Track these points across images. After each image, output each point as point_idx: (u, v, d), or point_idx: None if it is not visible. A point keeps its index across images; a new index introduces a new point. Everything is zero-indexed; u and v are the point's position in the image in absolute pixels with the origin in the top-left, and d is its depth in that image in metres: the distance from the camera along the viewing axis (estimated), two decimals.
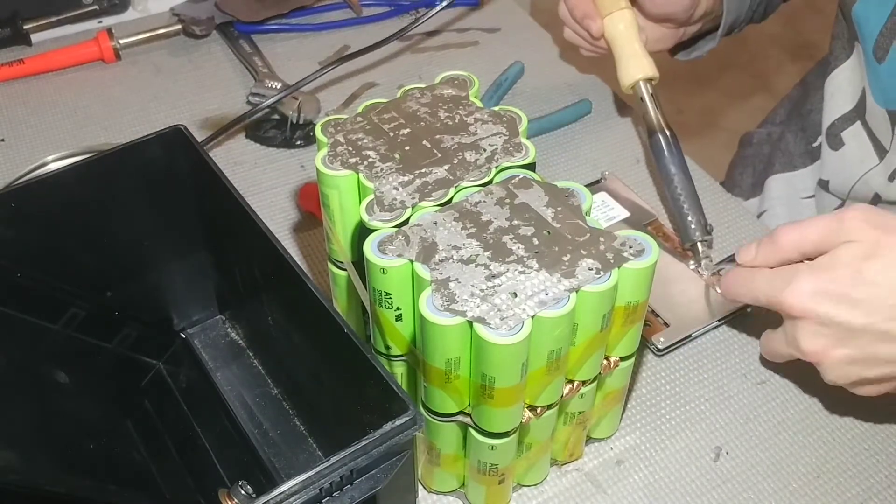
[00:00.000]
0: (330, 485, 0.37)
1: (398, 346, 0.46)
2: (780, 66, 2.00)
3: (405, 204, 0.45)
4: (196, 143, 0.51)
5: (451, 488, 0.52)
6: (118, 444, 0.52)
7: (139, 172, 0.51)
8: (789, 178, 0.79)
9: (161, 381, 0.56)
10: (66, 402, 0.51)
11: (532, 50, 0.85)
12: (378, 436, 0.37)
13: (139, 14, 0.88)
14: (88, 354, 0.53)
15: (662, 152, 0.66)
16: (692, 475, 0.53)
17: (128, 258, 0.53)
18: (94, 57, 0.81)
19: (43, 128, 0.75)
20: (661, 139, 0.66)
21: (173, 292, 0.57)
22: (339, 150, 0.47)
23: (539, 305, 0.41)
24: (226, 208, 0.48)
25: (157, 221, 0.53)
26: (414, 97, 0.51)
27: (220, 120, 0.76)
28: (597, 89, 0.81)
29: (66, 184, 0.49)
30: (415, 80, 0.78)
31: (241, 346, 0.58)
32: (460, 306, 0.40)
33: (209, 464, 0.52)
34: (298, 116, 0.75)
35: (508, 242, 0.43)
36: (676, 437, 0.55)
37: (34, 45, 0.83)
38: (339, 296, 0.54)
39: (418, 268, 0.42)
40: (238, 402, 0.55)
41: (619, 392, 0.52)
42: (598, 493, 0.53)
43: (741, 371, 0.59)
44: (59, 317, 0.51)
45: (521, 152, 0.48)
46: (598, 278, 0.42)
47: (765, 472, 0.54)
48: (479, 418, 0.45)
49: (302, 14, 0.87)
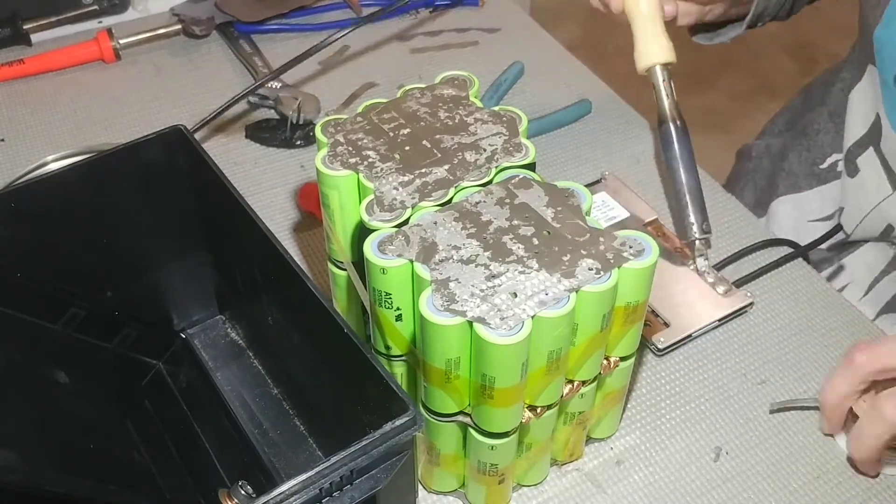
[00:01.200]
0: (330, 485, 0.37)
1: (398, 346, 0.46)
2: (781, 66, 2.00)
3: (405, 204, 0.45)
4: (196, 143, 0.51)
5: (451, 488, 0.52)
6: (118, 444, 0.52)
7: (139, 172, 0.51)
8: (795, 199, 0.77)
9: (161, 381, 0.56)
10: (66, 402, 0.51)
11: (532, 50, 0.85)
12: (378, 436, 0.37)
13: (139, 14, 0.88)
14: (88, 354, 0.53)
15: (671, 143, 0.64)
16: (692, 475, 0.53)
17: (128, 258, 0.53)
18: (94, 57, 0.81)
19: (43, 128, 0.75)
20: (671, 128, 0.64)
21: (173, 292, 0.57)
22: (339, 150, 0.47)
23: (539, 305, 0.41)
24: (226, 208, 0.48)
25: (157, 221, 0.53)
26: (414, 97, 0.51)
27: (220, 120, 0.76)
28: (597, 89, 0.81)
29: (66, 184, 0.49)
30: (415, 80, 0.78)
31: (241, 346, 0.58)
32: (460, 306, 0.40)
33: (209, 464, 0.52)
34: (298, 116, 0.75)
35: (508, 242, 0.43)
36: (676, 437, 0.55)
37: (34, 45, 0.83)
38: (339, 296, 0.54)
39: (418, 268, 0.42)
40: (238, 402, 0.55)
41: (619, 392, 0.51)
42: (598, 493, 0.53)
43: (741, 371, 0.59)
44: (59, 317, 0.51)
45: (521, 152, 0.48)
46: (598, 278, 0.42)
47: (765, 473, 0.53)
48: (479, 418, 0.45)
49: (302, 14, 0.87)
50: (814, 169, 0.76)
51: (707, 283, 0.62)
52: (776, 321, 0.62)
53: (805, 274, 0.65)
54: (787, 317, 0.62)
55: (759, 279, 0.64)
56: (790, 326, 0.61)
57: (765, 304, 0.63)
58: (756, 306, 0.62)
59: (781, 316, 0.62)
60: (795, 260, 0.66)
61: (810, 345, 0.60)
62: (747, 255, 0.65)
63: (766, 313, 0.62)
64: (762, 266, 0.65)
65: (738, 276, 0.64)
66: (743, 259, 0.65)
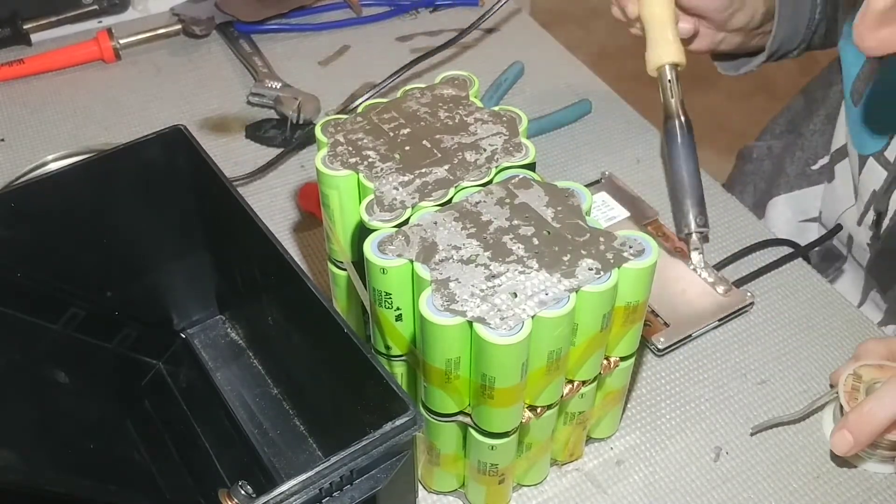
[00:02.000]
0: (330, 485, 0.37)
1: (398, 346, 0.46)
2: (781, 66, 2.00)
3: (405, 204, 0.45)
4: (196, 143, 0.51)
5: (451, 488, 0.52)
6: (118, 444, 0.52)
7: (139, 172, 0.51)
8: (787, 199, 0.78)
9: (161, 381, 0.56)
10: (66, 402, 0.51)
11: (532, 50, 0.85)
12: (378, 436, 0.37)
13: (139, 14, 0.88)
14: (88, 354, 0.53)
15: (675, 138, 0.66)
16: (692, 475, 0.53)
17: (128, 258, 0.53)
18: (94, 57, 0.81)
19: (43, 128, 0.75)
20: (675, 124, 0.66)
21: (173, 292, 0.57)
22: (339, 150, 0.47)
23: (539, 305, 0.41)
24: (226, 208, 0.48)
25: (157, 221, 0.53)
26: (414, 97, 0.51)
27: (220, 120, 0.76)
28: (597, 89, 0.81)
29: (66, 184, 0.49)
30: (415, 80, 0.78)
31: (241, 346, 0.58)
32: (460, 306, 0.40)
33: (209, 464, 0.52)
34: (298, 116, 0.75)
35: (508, 242, 0.43)
36: (676, 437, 0.55)
37: (34, 44, 0.83)
38: (339, 296, 0.54)
39: (418, 268, 0.42)
40: (238, 402, 0.55)
41: (619, 392, 0.51)
42: (599, 493, 0.53)
43: (741, 371, 0.59)
44: (59, 317, 0.51)
45: (521, 152, 0.48)
46: (598, 278, 0.42)
47: (764, 473, 0.53)
48: (479, 418, 0.45)
49: (302, 14, 0.87)
50: (806, 170, 0.77)
51: (707, 282, 0.62)
52: (776, 321, 0.62)
53: (805, 274, 0.65)
54: (787, 317, 0.62)
55: (759, 279, 0.64)
56: (790, 326, 0.61)
57: (765, 303, 0.63)
58: (756, 306, 0.62)
59: (781, 316, 0.62)
60: (795, 260, 0.66)
61: (810, 345, 0.60)
62: (747, 255, 0.65)
63: (766, 313, 0.62)
64: (762, 266, 0.65)
65: (738, 276, 0.64)
66: (742, 259, 0.65)
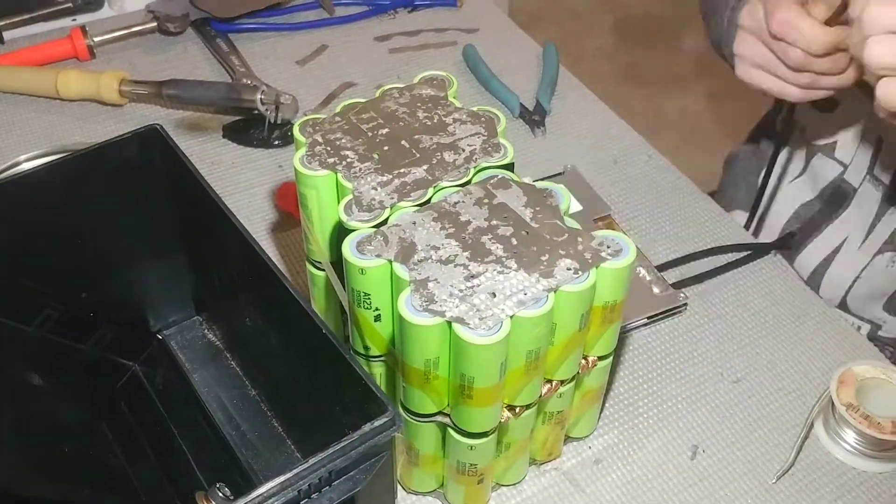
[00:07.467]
0: (308, 486, 0.36)
1: (377, 346, 0.46)
2: None
3: (384, 204, 0.45)
4: (172, 142, 0.50)
5: (430, 488, 0.52)
6: (93, 447, 0.52)
7: (114, 172, 0.50)
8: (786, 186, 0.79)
9: (137, 382, 0.56)
10: (40, 405, 0.50)
11: (510, 50, 0.85)
12: (357, 437, 0.37)
13: (114, 12, 0.87)
14: (63, 356, 0.52)
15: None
16: (669, 473, 0.54)
17: (103, 259, 0.52)
18: (68, 55, 0.80)
19: (15, 126, 0.74)
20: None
21: (149, 293, 0.56)
22: (318, 149, 0.47)
23: (518, 305, 0.41)
24: (202, 208, 0.48)
25: (133, 222, 0.52)
26: (392, 97, 0.51)
27: (197, 119, 0.76)
28: (576, 91, 0.81)
29: (40, 183, 0.49)
30: (393, 80, 0.78)
31: (219, 348, 0.58)
32: (439, 306, 0.40)
33: (186, 466, 0.52)
34: (276, 116, 0.74)
35: (487, 242, 0.43)
36: (653, 435, 0.56)
37: (6, 42, 0.82)
38: (318, 296, 0.53)
39: (397, 268, 0.42)
40: (215, 404, 0.54)
41: (597, 391, 0.52)
42: (577, 492, 0.53)
43: (717, 370, 0.59)
44: (32, 318, 0.50)
45: (500, 152, 0.48)
46: (576, 278, 0.42)
47: (741, 470, 0.54)
48: (458, 418, 0.45)
49: (279, 13, 0.87)
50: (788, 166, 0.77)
51: (644, 280, 0.63)
52: (751, 320, 0.62)
53: (779, 273, 0.66)
54: (761, 316, 0.63)
55: (733, 279, 0.65)
56: (764, 325, 0.62)
57: (739, 303, 0.63)
58: (730, 305, 0.63)
59: (756, 315, 0.63)
60: (772, 257, 0.66)
61: (784, 343, 0.61)
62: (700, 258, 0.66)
63: (741, 312, 0.63)
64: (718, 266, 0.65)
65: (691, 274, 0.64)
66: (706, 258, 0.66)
